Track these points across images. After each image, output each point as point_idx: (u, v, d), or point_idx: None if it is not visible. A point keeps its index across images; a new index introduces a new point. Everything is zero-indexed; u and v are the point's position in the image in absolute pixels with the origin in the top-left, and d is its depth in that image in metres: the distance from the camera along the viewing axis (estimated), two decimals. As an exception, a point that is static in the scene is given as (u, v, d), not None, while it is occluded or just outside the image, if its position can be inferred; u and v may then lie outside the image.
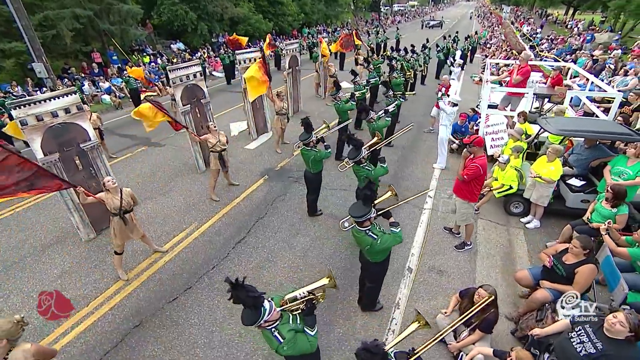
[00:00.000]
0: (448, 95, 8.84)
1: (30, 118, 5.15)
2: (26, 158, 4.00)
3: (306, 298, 2.93)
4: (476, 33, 28.65)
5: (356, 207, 3.69)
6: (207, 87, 8.46)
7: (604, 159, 6.52)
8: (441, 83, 10.27)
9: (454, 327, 3.44)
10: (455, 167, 8.70)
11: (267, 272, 5.37)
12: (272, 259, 5.62)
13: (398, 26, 28.57)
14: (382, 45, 24.69)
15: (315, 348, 2.97)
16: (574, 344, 3.06)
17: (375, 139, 6.44)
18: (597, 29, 28.50)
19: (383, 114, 7.50)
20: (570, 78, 11.48)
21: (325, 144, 6.11)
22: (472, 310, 3.55)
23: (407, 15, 58.33)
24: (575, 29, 29.78)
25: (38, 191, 4.21)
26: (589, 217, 5.33)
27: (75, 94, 5.70)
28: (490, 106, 10.03)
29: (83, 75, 16.40)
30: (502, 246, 6.06)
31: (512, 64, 14.12)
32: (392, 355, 2.66)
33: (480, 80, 16.65)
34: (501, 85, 10.06)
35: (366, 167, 5.37)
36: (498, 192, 6.76)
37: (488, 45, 25.69)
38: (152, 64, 19.38)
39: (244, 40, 11.85)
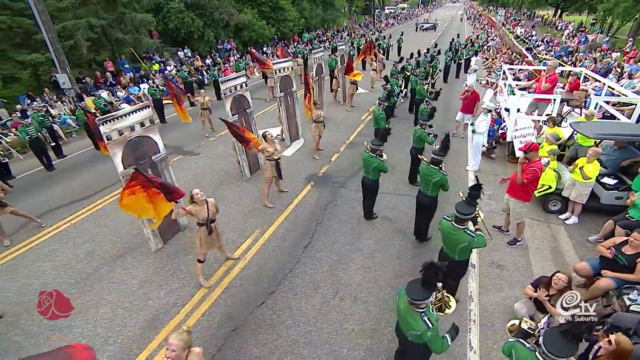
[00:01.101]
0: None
1: (114, 133, 5.37)
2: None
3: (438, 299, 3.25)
4: (478, 37, 29.48)
5: (463, 205, 4.04)
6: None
7: (634, 159, 7.08)
8: (466, 89, 10.74)
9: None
10: (486, 169, 9.20)
11: (342, 273, 5.68)
12: (343, 261, 5.93)
13: (402, 31, 28.99)
14: (387, 51, 25.17)
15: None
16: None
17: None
18: (587, 30, 29.64)
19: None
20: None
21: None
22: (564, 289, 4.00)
23: (399, 18, 59.24)
24: (566, 31, 30.88)
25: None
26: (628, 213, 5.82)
27: (148, 108, 5.93)
28: (506, 109, 10.66)
29: (98, 84, 16.42)
30: (548, 241, 6.50)
31: (526, 69, 14.89)
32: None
33: (487, 82, 17.32)
34: (523, 90, 10.59)
35: (442, 172, 5.63)
36: (538, 192, 7.19)
37: (487, 48, 26.43)
38: (164, 71, 19.45)
39: (270, 64, 11.90)
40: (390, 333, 4.60)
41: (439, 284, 3.33)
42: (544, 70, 9.12)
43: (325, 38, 35.54)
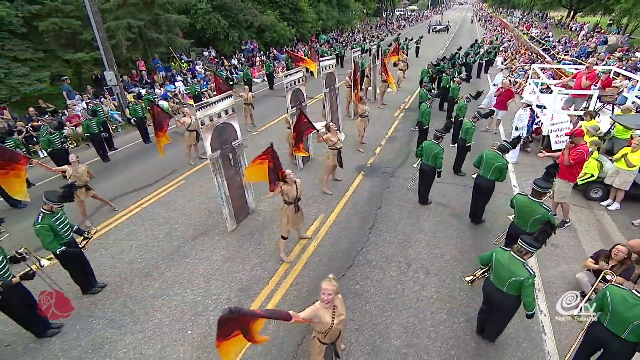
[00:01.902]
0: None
1: (206, 119, 5.91)
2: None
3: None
4: (497, 39, 29.94)
5: (541, 181, 4.53)
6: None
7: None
8: (500, 86, 11.23)
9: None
10: (524, 161, 9.65)
11: (410, 249, 6.19)
12: (409, 240, 6.44)
13: (422, 35, 29.47)
14: (406, 52, 25.68)
15: None
16: None
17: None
18: (604, 31, 29.93)
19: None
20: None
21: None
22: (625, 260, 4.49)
23: (410, 20, 59.78)
24: (582, 32, 31.19)
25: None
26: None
27: (231, 97, 6.49)
28: (538, 106, 11.14)
29: (134, 82, 17.08)
30: (593, 225, 6.96)
31: (551, 68, 15.30)
32: None
33: (511, 82, 17.78)
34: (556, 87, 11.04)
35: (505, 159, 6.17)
36: (581, 180, 7.64)
37: (504, 49, 26.84)
38: (194, 70, 20.11)
39: (309, 61, 12.41)
40: (466, 299, 5.09)
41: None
42: (585, 67, 9.53)
43: (342, 39, 36.10)
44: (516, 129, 9.43)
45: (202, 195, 8.43)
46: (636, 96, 9.35)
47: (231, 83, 19.16)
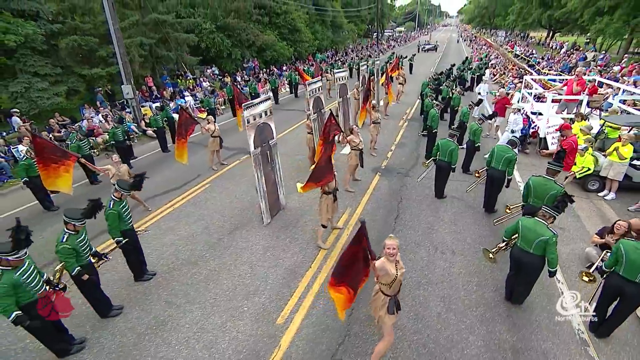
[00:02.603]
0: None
1: (250, 118, 6.54)
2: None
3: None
4: (486, 56, 31.71)
5: (555, 162, 5.25)
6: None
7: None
8: (497, 95, 12.21)
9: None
10: (524, 161, 10.47)
11: (434, 235, 6.82)
12: (432, 228, 7.06)
13: (414, 55, 31.02)
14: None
15: None
16: None
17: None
18: (582, 49, 32.01)
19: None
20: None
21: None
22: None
23: (398, 40, 62.36)
24: (562, 50, 33.29)
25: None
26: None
27: (269, 100, 7.16)
28: (533, 113, 12.13)
29: (144, 97, 17.68)
30: (594, 211, 7.72)
31: (540, 79, 16.49)
32: None
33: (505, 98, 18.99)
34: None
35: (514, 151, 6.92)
36: (579, 174, 8.44)
37: (492, 65, 28.45)
38: (201, 86, 20.84)
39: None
40: (492, 273, 5.70)
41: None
42: (575, 75, 10.57)
43: (337, 58, 37.56)
44: (512, 132, 10.28)
45: (230, 196, 8.95)
46: (620, 101, 10.37)
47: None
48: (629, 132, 8.14)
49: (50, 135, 12.13)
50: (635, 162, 8.19)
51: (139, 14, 17.39)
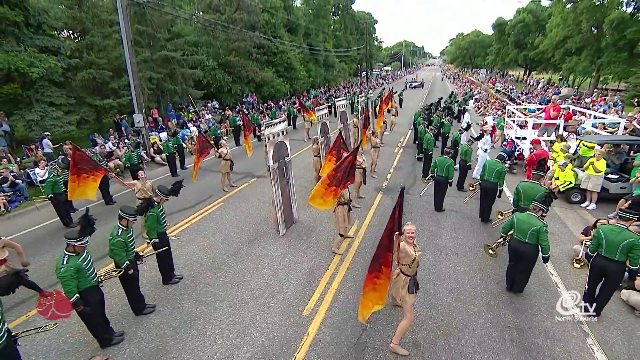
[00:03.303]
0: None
1: (270, 135, 7.32)
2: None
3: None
4: (470, 91, 34.02)
5: (537, 170, 6.09)
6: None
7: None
8: (485, 121, 13.39)
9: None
10: (512, 180, 11.34)
11: (438, 240, 7.48)
12: (435, 235, 7.73)
13: (403, 90, 33.20)
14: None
15: None
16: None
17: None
18: (557, 85, 34.64)
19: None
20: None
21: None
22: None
23: (386, 79, 65.93)
24: (539, 86, 35.92)
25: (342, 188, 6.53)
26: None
27: (284, 121, 7.98)
28: (517, 137, 13.32)
29: (150, 127, 18.47)
30: (577, 219, 8.53)
31: (522, 108, 17.97)
32: None
33: (486, 123, 20.47)
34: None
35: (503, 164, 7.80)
36: (563, 187, 9.32)
37: (476, 99, 30.49)
38: (201, 118, 21.83)
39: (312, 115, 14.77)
40: (494, 269, 6.33)
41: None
42: (551, 103, 11.85)
43: (330, 94, 39.54)
44: (485, 150, 11.27)
45: (244, 212, 9.52)
46: (592, 125, 11.59)
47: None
48: (601, 148, 9.17)
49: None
50: (609, 175, 9.16)
51: (149, 51, 18.61)
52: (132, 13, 16.35)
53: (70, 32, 16.52)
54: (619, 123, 11.09)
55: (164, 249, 5.97)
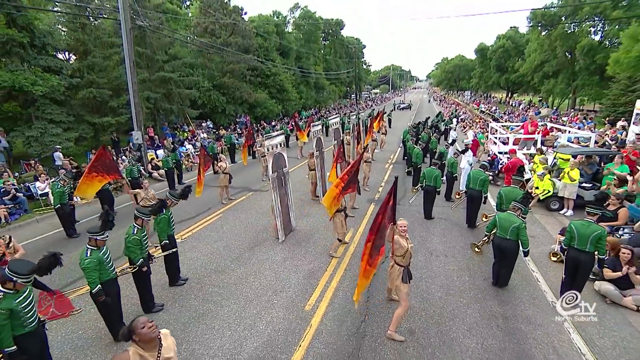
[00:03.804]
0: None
1: (270, 147, 7.86)
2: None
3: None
4: (456, 110, 35.52)
5: (516, 176, 6.73)
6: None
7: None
8: (471, 138, 14.24)
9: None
10: (495, 190, 12.04)
11: (429, 244, 7.99)
12: (425, 239, 8.24)
13: (392, 111, 34.52)
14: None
15: None
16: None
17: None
18: (537, 106, 36.45)
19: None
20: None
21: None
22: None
23: (375, 101, 68.08)
24: (520, 106, 37.70)
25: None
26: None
27: (283, 135, 8.56)
28: (500, 152, 14.19)
29: (147, 145, 18.85)
30: (557, 224, 9.14)
31: (505, 125, 19.04)
32: None
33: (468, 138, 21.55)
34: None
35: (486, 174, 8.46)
36: (542, 195, 10.00)
37: (462, 120, 31.86)
38: (198, 136, 22.33)
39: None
40: (480, 268, 6.83)
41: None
42: (528, 119, 12.78)
43: (321, 114, 40.69)
44: (470, 164, 11.94)
45: (243, 222, 9.91)
46: (567, 139, 12.51)
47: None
48: (574, 159, 9.96)
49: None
50: (584, 184, 9.90)
51: (147, 72, 19.26)
52: (134, 36, 17.08)
53: (73, 53, 17.04)
54: (590, 137, 12.02)
55: (173, 250, 6.32)
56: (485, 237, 6.34)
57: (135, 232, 5.36)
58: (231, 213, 10.75)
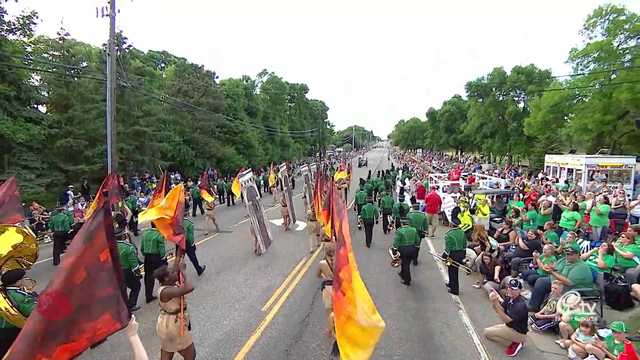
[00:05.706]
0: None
1: (243, 183, 9.61)
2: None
3: None
4: (407, 165, 39.24)
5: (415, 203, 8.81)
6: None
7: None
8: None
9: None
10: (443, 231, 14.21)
11: (372, 263, 9.62)
12: (368, 261, 9.91)
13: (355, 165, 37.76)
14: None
15: None
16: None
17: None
18: (480, 161, 41.22)
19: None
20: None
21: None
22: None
23: (338, 158, 72.45)
24: (467, 162, 42.39)
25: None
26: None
27: (251, 172, 10.36)
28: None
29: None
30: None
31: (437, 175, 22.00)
32: None
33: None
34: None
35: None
36: (464, 228, 12.13)
37: (414, 174, 35.33)
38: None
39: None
40: (414, 284, 8.52)
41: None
42: (453, 169, 15.49)
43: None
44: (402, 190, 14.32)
45: (230, 246, 11.71)
46: (489, 185, 15.26)
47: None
48: (485, 198, 12.39)
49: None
50: (495, 218, 12.23)
51: (122, 125, 20.77)
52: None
53: (54, 107, 18.39)
54: (499, 183, 14.90)
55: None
56: (396, 255, 8.24)
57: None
58: (200, 248, 11.89)
